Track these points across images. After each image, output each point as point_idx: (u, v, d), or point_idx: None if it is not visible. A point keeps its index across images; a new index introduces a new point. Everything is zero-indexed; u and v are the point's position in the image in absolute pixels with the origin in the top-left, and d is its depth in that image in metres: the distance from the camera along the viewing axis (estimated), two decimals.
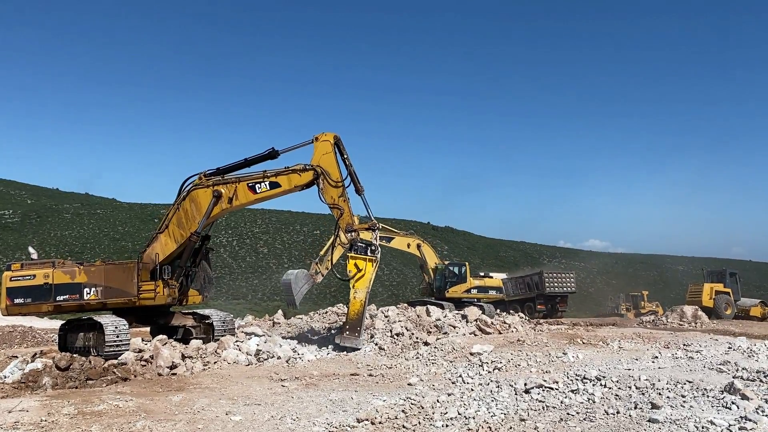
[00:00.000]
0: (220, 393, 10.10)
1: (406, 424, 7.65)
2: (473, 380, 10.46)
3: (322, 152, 15.57)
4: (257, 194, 15.52)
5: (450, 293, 29.20)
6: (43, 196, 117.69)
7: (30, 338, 23.96)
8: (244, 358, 13.70)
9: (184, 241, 15.48)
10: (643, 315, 33.98)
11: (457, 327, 17.00)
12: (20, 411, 8.46)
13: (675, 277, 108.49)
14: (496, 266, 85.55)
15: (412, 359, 13.40)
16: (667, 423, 6.76)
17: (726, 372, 9.76)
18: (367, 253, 15.20)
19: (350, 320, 15.15)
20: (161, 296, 15.21)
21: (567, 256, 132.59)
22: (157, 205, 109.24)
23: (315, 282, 26.35)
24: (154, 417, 8.17)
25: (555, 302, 37.80)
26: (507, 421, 7.46)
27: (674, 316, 25.80)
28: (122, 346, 13.90)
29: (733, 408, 7.24)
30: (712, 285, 32.57)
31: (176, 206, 15.69)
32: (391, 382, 11.04)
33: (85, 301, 15.04)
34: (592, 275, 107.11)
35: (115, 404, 8.88)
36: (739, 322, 27.05)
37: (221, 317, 16.47)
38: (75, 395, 9.95)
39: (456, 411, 8.02)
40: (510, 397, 8.66)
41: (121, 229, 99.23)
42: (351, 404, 9.06)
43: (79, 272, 15.10)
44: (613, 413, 7.38)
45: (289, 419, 8.15)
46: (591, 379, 9.19)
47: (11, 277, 15.03)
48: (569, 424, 7.08)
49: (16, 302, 14.95)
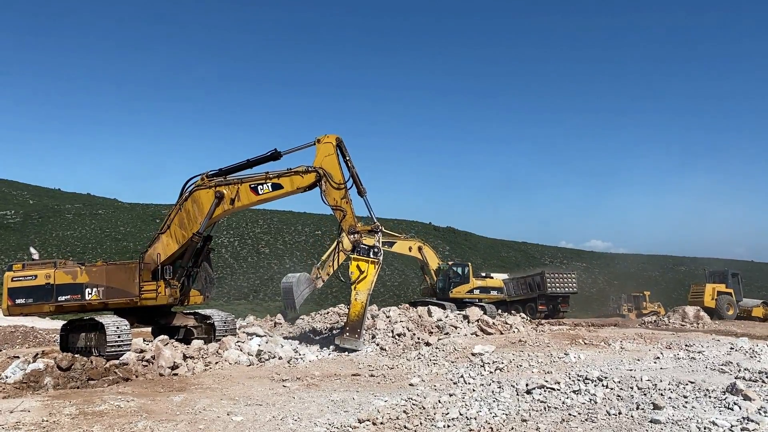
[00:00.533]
0: (221, 393, 10.10)
1: (407, 425, 7.64)
2: (475, 381, 10.45)
3: (324, 154, 15.58)
4: (259, 195, 15.52)
5: (453, 293, 29.20)
6: (44, 196, 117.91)
7: (32, 338, 23.98)
8: (246, 359, 13.70)
9: (185, 241, 15.49)
10: (645, 315, 33.97)
11: (459, 327, 17.00)
12: (22, 411, 8.47)
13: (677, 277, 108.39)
14: (498, 267, 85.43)
15: (413, 360, 13.39)
16: (669, 424, 6.75)
17: (728, 373, 9.75)
18: (369, 256, 15.19)
19: (351, 322, 15.14)
20: (163, 296, 15.22)
21: (569, 256, 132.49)
22: (158, 206, 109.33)
23: (316, 287, 26.42)
24: (156, 417, 8.17)
25: (557, 303, 37.78)
26: (509, 421, 7.45)
27: (676, 316, 25.80)
28: (124, 346, 13.90)
29: (735, 409, 7.23)
30: (714, 285, 32.53)
31: (178, 207, 15.70)
32: (393, 383, 11.03)
33: (86, 302, 15.04)
34: (593, 276, 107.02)
35: (117, 404, 8.88)
36: (741, 323, 27.04)
37: (223, 317, 16.48)
38: (76, 395, 9.95)
39: (457, 411, 8.00)
40: (512, 398, 8.65)
41: (122, 229, 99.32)
42: (352, 405, 9.05)
43: (81, 272, 15.11)
44: (615, 414, 7.36)
45: (291, 420, 8.14)
46: (593, 379, 9.17)
47: (13, 278, 15.04)
48: (571, 425, 7.07)
49: (18, 302, 14.96)
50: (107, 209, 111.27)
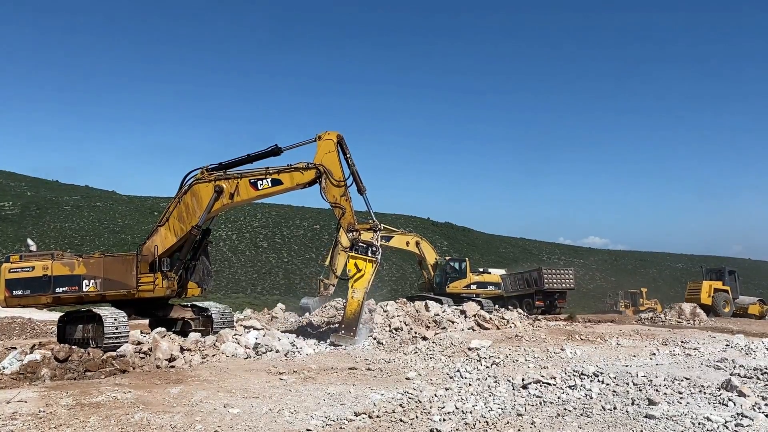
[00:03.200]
0: (218, 386, 10.11)
1: (403, 418, 7.66)
2: (471, 375, 10.48)
3: (324, 151, 15.53)
4: (259, 191, 15.48)
5: (450, 288, 29.20)
6: (42, 188, 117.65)
7: (29, 330, 24.02)
8: (243, 352, 13.72)
9: (184, 234, 15.47)
10: (642, 312, 34.01)
11: (456, 322, 17.03)
12: (18, 402, 8.48)
13: (674, 274, 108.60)
14: (496, 262, 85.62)
15: (410, 354, 13.42)
16: (663, 419, 6.78)
17: (723, 369, 9.79)
18: (367, 254, 15.18)
19: (346, 319, 15.17)
20: (160, 288, 15.22)
21: (567, 253, 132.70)
22: (156, 198, 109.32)
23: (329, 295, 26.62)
24: (152, 409, 8.18)
25: (554, 299, 37.82)
26: (504, 416, 7.47)
27: (673, 313, 25.86)
28: (121, 338, 13.91)
29: (729, 405, 7.26)
30: (711, 283, 32.58)
31: (177, 200, 15.67)
32: (389, 377, 11.05)
33: (84, 293, 15.04)
34: (591, 272, 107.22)
35: (114, 396, 8.89)
36: (738, 320, 27.12)
37: (220, 310, 16.48)
38: (73, 387, 9.96)
39: (453, 405, 8.03)
40: (507, 393, 8.68)
41: (120, 221, 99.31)
42: (349, 398, 9.07)
43: (78, 264, 15.10)
44: (610, 409, 7.39)
45: (287, 412, 8.16)
46: (589, 375, 9.21)
47: (10, 269, 15.02)
48: (566, 420, 7.10)
49: (15, 294, 14.95)
50: (105, 201, 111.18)
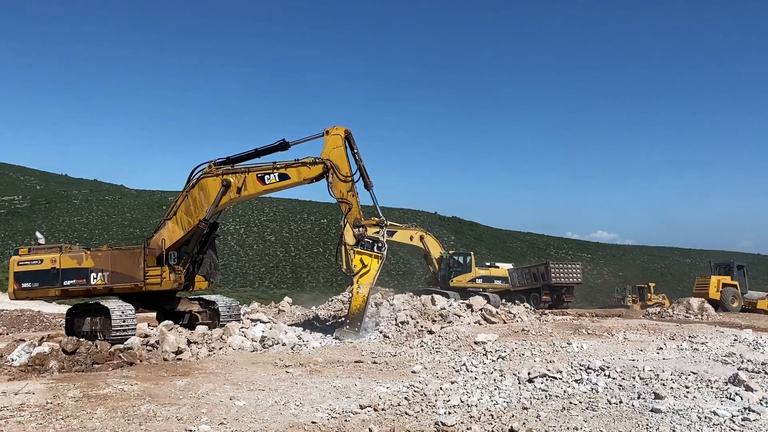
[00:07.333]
0: (224, 378, 10.15)
1: (408, 411, 7.66)
2: (477, 369, 10.47)
3: (332, 146, 15.50)
4: (266, 185, 15.49)
5: (454, 282, 29.20)
6: (52, 182, 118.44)
7: (38, 322, 24.19)
8: (249, 345, 13.76)
9: (191, 228, 15.50)
10: (650, 307, 33.91)
11: (462, 316, 17.00)
12: (26, 393, 8.55)
13: (682, 269, 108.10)
14: (504, 257, 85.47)
15: (416, 347, 13.42)
16: (669, 413, 6.75)
17: (731, 364, 9.74)
18: (373, 250, 15.18)
19: (351, 314, 15.19)
20: (167, 282, 15.27)
21: (574, 247, 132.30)
22: (165, 192, 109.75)
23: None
24: (159, 401, 8.23)
25: (561, 293, 37.71)
26: (509, 409, 7.47)
27: (681, 308, 25.70)
28: (128, 330, 13.98)
29: (736, 399, 7.23)
30: (719, 277, 32.38)
31: (185, 193, 15.70)
32: (395, 370, 11.06)
33: (91, 286, 15.12)
34: (599, 267, 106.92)
35: (121, 388, 8.94)
36: (746, 315, 26.92)
37: (227, 303, 16.53)
38: (81, 379, 10.03)
39: (459, 399, 8.03)
40: (513, 386, 8.67)
41: (129, 215, 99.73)
42: (354, 391, 9.08)
43: (86, 257, 15.18)
44: (616, 403, 7.37)
45: (293, 405, 8.18)
46: (595, 369, 9.19)
47: (19, 262, 15.14)
48: (571, 413, 7.08)
49: (24, 287, 15.06)
50: (114, 195, 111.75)
